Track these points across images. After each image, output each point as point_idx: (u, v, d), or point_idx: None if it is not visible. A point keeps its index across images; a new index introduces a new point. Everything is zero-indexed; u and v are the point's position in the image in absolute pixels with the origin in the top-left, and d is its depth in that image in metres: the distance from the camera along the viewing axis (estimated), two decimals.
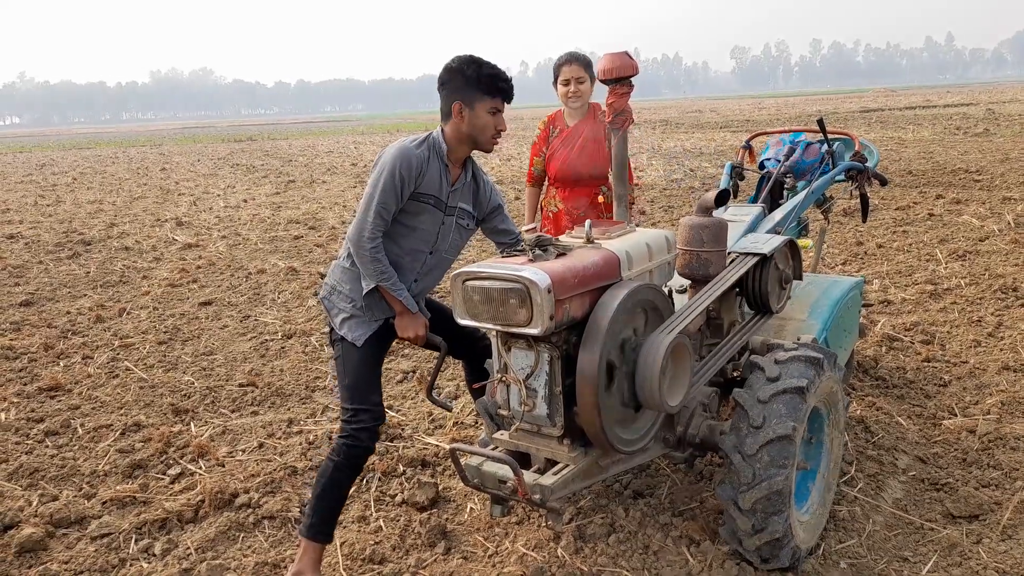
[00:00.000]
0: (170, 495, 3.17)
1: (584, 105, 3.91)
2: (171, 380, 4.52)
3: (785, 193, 3.84)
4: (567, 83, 3.85)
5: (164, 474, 3.38)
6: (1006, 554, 2.49)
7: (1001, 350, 4.30)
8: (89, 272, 7.68)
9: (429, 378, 2.76)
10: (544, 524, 2.75)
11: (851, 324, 3.40)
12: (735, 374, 2.82)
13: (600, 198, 3.98)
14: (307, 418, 3.92)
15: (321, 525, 2.52)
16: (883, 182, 3.75)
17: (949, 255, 6.44)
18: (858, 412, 3.54)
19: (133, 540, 2.86)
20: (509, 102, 2.59)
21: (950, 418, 3.50)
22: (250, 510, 3.01)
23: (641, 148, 18.16)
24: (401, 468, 3.29)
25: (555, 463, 2.32)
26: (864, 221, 3.98)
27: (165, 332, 5.52)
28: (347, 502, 3.04)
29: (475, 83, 2.50)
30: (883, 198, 9.15)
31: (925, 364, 4.18)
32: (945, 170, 11.30)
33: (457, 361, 4.64)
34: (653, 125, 27.56)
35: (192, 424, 3.91)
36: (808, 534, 2.47)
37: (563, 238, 2.51)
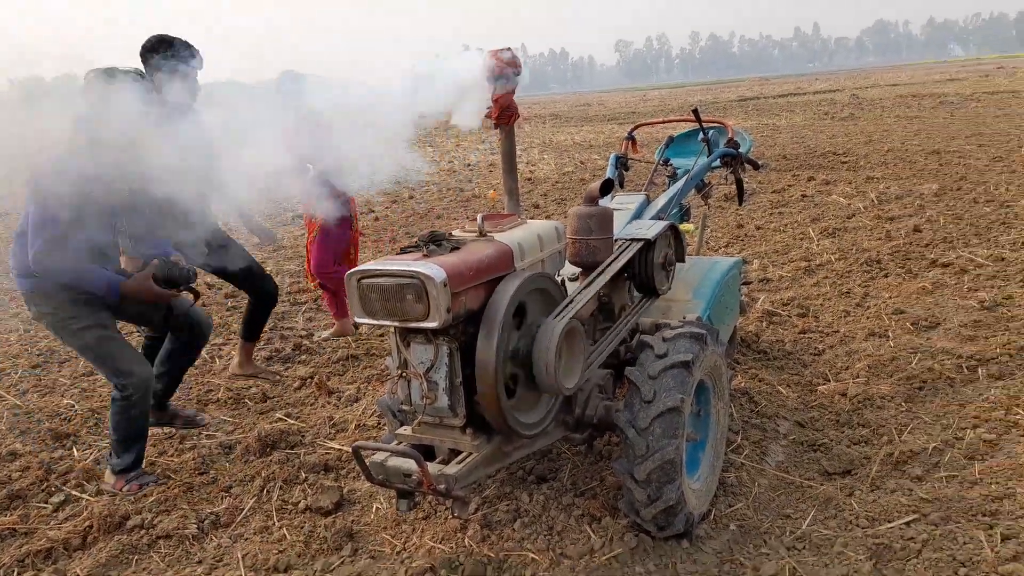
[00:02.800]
0: (54, 523, 3.00)
1: None
2: (49, 404, 4.26)
3: (667, 181, 4.02)
4: None
5: (46, 502, 3.19)
6: (875, 503, 2.71)
7: (868, 318, 4.65)
8: None
9: None
10: (451, 515, 2.78)
11: (732, 301, 3.59)
12: (628, 355, 2.93)
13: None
14: (199, 433, 3.79)
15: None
16: (755, 166, 3.98)
17: (820, 233, 6.89)
18: (743, 384, 3.75)
19: (16, 573, 2.69)
20: None
21: (824, 384, 3.77)
22: (143, 531, 2.89)
23: (532, 143, 18.42)
24: (303, 475, 3.24)
25: (459, 453, 2.35)
26: (740, 204, 4.21)
27: (39, 355, 5.18)
28: (247, 515, 2.98)
29: None
30: (760, 182, 9.67)
31: (801, 336, 4.47)
32: (816, 153, 12.05)
33: (359, 362, 4.61)
34: (543, 119, 27.96)
35: (75, 448, 3.70)
36: (700, 501, 2.61)
37: (456, 232, 2.54)
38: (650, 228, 2.96)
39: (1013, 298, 4.67)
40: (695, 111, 3.94)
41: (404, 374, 2.30)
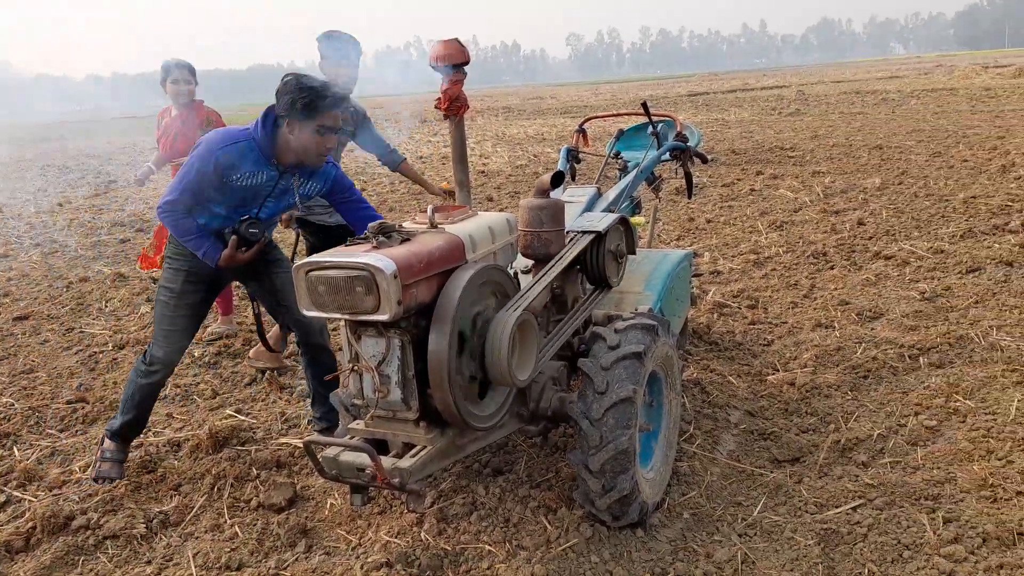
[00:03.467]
0: None
1: (190, 102, 4.67)
2: None
3: (618, 174, 4.04)
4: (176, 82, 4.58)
5: None
6: (823, 489, 2.78)
7: (814, 309, 4.76)
8: None
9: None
10: (406, 509, 2.76)
11: (683, 293, 3.64)
12: (581, 347, 2.95)
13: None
14: (145, 430, 3.68)
15: None
16: (704, 160, 4.03)
17: (769, 226, 7.03)
18: (694, 375, 3.81)
19: None
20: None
21: (773, 373, 3.85)
22: (89, 531, 2.80)
23: (485, 136, 18.38)
24: (255, 472, 3.18)
25: (413, 447, 2.34)
26: (689, 197, 4.27)
27: None
28: (198, 513, 2.92)
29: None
30: (710, 176, 9.82)
31: (751, 327, 4.55)
32: (763, 148, 12.27)
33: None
34: (496, 112, 27.91)
35: (15, 449, 3.57)
36: (654, 490, 2.64)
37: (407, 224, 2.52)
38: (601, 220, 2.97)
39: (952, 289, 4.83)
40: (644, 105, 3.98)
41: (356, 368, 2.28)
